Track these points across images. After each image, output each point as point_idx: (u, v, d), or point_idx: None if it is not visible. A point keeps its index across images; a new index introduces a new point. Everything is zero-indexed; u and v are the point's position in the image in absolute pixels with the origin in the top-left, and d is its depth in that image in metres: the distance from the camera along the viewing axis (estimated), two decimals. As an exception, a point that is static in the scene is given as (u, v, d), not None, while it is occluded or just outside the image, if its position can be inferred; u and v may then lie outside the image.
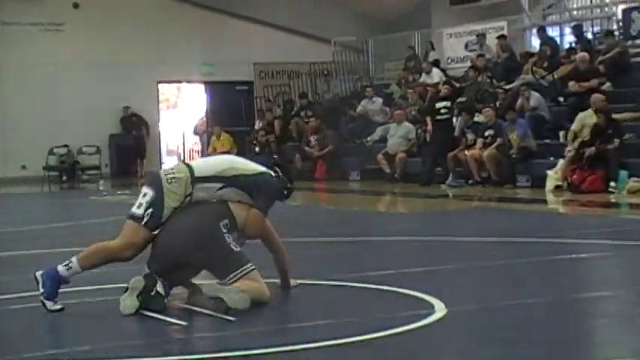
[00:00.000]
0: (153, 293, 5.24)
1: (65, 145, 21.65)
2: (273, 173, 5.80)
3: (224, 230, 5.40)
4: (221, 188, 5.56)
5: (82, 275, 5.53)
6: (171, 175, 5.51)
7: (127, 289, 5.29)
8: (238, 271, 5.32)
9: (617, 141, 13.69)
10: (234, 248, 5.39)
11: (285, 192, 5.93)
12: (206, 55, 24.08)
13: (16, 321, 5.43)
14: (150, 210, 5.40)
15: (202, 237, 5.36)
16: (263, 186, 5.67)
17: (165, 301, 5.30)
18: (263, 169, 5.77)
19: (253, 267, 5.40)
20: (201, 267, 5.49)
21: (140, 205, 5.44)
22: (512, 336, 4.65)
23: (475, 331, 4.86)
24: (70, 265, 5.41)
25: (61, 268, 5.40)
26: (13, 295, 5.97)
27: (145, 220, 5.39)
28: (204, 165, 5.69)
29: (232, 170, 5.60)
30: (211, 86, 24.65)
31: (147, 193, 5.46)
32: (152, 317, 5.18)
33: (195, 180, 5.51)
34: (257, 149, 22.07)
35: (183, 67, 23.94)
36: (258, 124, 22.60)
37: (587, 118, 14.13)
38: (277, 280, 6.03)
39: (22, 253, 8.47)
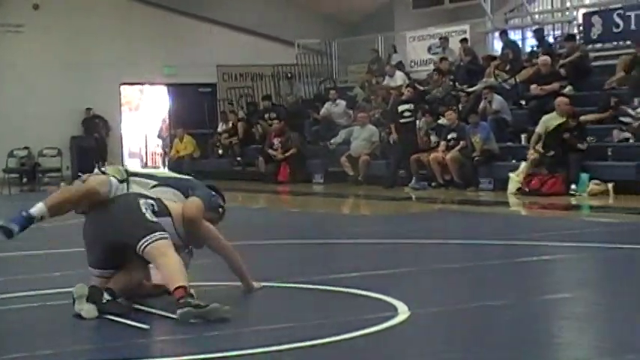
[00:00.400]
0: (104, 301, 5.23)
1: (26, 148, 21.44)
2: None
3: (142, 204, 5.39)
4: (155, 186, 5.67)
5: (39, 279, 5.47)
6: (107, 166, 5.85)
7: (74, 298, 5.27)
8: (149, 237, 5.25)
9: (586, 143, 13.82)
10: (151, 218, 5.35)
11: (220, 210, 5.94)
12: (169, 57, 23.96)
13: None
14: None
15: (120, 209, 5.39)
16: (198, 186, 5.82)
17: (123, 303, 5.28)
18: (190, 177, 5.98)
19: (166, 236, 5.33)
20: (121, 241, 5.38)
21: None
22: (475, 338, 4.66)
23: (438, 333, 4.87)
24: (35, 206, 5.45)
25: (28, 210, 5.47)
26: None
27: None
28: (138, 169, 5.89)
29: (166, 174, 5.71)
30: (174, 88, 24.54)
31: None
32: (114, 321, 5.13)
33: (130, 174, 5.68)
34: (220, 152, 22.00)
35: (146, 69, 23.81)
36: (221, 127, 22.52)
37: (551, 121, 14.25)
38: (240, 283, 6.00)
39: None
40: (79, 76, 22.76)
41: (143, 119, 28.96)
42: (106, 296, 5.26)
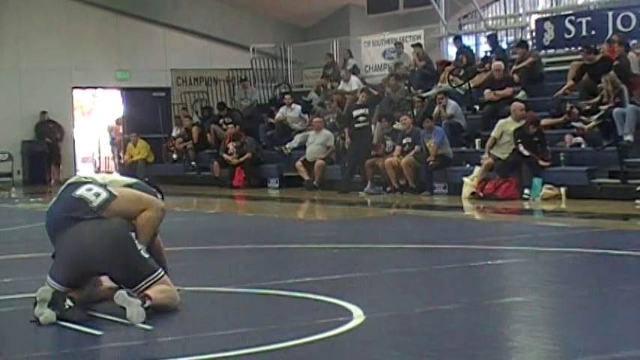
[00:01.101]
0: (66, 308, 5.15)
1: (-24, 152, 21.15)
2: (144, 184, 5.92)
3: (133, 237, 5.34)
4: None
5: None
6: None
7: (35, 301, 5.17)
8: (150, 278, 5.27)
9: (548, 150, 13.97)
10: (145, 255, 5.33)
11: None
12: (122, 62, 23.78)
13: None
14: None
15: (114, 245, 5.29)
16: (145, 190, 5.75)
17: (86, 312, 5.23)
18: (135, 179, 5.94)
19: (163, 273, 5.36)
20: (113, 275, 5.40)
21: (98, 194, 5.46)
22: (430, 342, 4.68)
23: (393, 337, 4.88)
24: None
25: None
26: None
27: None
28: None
29: (115, 182, 5.70)
30: (128, 93, 24.34)
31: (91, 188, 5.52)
32: (67, 327, 5.07)
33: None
34: (174, 156, 21.88)
35: (99, 74, 23.59)
36: (175, 131, 22.41)
37: (507, 125, 14.38)
38: (198, 288, 5.96)
39: None
40: (29, 80, 22.49)
41: (96, 124, 28.69)
42: (69, 302, 5.18)
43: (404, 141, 15.87)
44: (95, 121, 28.64)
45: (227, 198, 17.30)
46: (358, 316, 5.17)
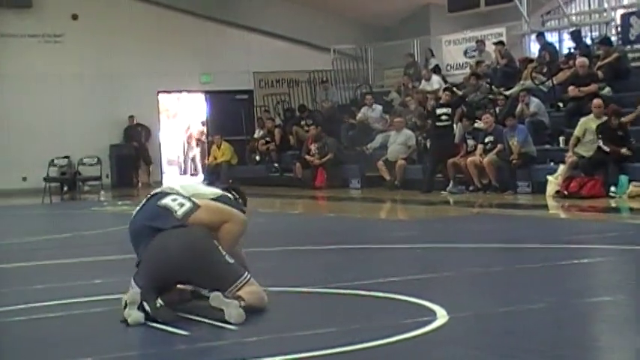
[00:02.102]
0: (157, 306, 5.26)
1: (66, 157, 21.64)
2: (230, 195, 5.95)
3: (216, 244, 5.42)
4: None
5: (79, 286, 5.52)
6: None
7: (125, 303, 5.30)
8: (238, 282, 5.35)
9: (633, 143, 13.73)
10: (230, 260, 5.41)
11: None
12: (206, 65, 24.12)
13: (16, 333, 5.41)
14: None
15: (200, 253, 5.37)
16: (228, 203, 5.81)
17: (175, 313, 5.32)
18: (220, 191, 5.95)
19: (249, 275, 5.43)
20: (198, 282, 5.49)
21: (182, 204, 5.58)
22: (514, 342, 4.65)
23: (477, 337, 4.86)
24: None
25: None
26: (13, 307, 5.96)
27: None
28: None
29: (199, 195, 5.76)
30: (211, 95, 24.69)
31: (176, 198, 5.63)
32: (156, 327, 5.17)
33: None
34: (257, 158, 22.09)
35: (183, 77, 23.98)
36: (258, 133, 22.62)
37: (589, 122, 14.15)
38: (281, 289, 6.03)
39: (23, 264, 8.47)
40: (117, 85, 23.00)
41: (181, 126, 29.15)
42: (160, 301, 5.28)
43: (486, 140, 15.74)
44: (180, 124, 29.10)
45: (309, 199, 17.39)
46: (442, 316, 5.16)
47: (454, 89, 18.13)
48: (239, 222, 5.61)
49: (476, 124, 16.34)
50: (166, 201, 5.57)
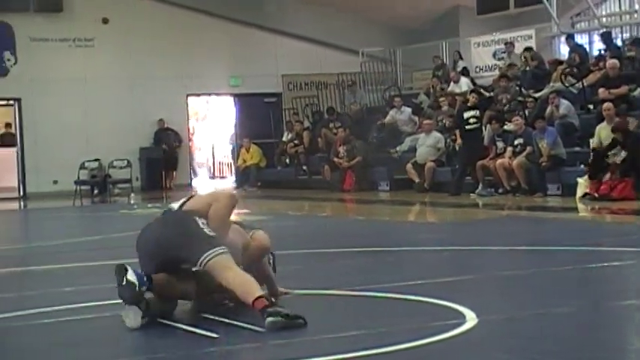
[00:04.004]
0: (124, 283, 5.29)
1: (96, 159, 21.80)
2: None
3: (198, 220, 5.46)
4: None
5: (106, 289, 5.54)
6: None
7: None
8: (211, 252, 5.30)
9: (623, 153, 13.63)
10: (209, 233, 5.42)
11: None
12: (234, 68, 24.21)
13: (45, 336, 5.45)
14: None
15: (175, 225, 5.49)
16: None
17: (137, 289, 5.28)
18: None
19: (227, 250, 5.37)
20: (178, 256, 5.43)
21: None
22: (544, 346, 4.62)
23: (506, 340, 4.83)
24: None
25: None
26: (42, 310, 6.01)
27: None
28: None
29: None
30: (240, 98, 24.77)
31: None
32: (184, 330, 5.20)
33: None
34: (286, 161, 22.14)
35: (213, 80, 24.09)
36: (286, 136, 22.66)
37: (603, 130, 14.11)
38: (309, 291, 6.03)
39: (53, 267, 8.55)
40: (146, 88, 23.15)
41: (210, 130, 29.27)
42: (130, 277, 5.30)
43: (516, 142, 15.67)
44: (209, 127, 29.21)
45: (338, 201, 17.39)
46: (471, 318, 5.15)
47: (481, 91, 18.06)
48: (223, 198, 5.72)
49: (505, 127, 16.27)
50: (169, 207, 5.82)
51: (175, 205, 5.76)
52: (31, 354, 5.01)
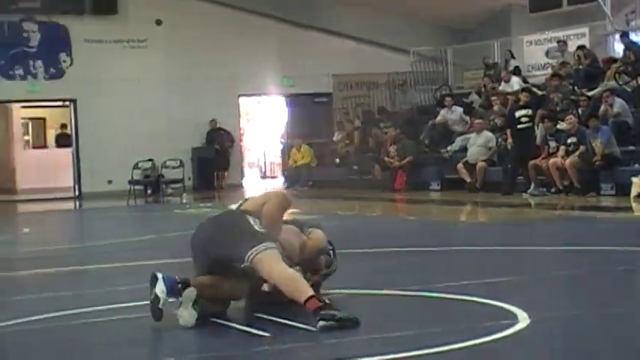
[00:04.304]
0: (152, 297, 5.35)
1: (150, 159, 22.07)
2: None
3: (249, 218, 5.53)
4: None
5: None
6: None
7: (180, 302, 5.35)
8: (258, 247, 5.31)
9: None
10: (258, 229, 5.46)
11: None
12: (286, 68, 24.30)
13: (99, 334, 5.54)
14: None
15: (227, 222, 5.58)
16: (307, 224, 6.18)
17: (160, 305, 5.33)
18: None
19: (275, 246, 5.39)
20: (228, 254, 5.42)
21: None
22: (596, 346, 4.59)
23: (559, 341, 4.81)
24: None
25: None
26: (97, 308, 6.11)
27: None
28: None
29: None
30: (291, 99, 24.86)
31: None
32: (236, 329, 5.25)
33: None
34: (337, 160, 22.17)
35: (263, 81, 24.20)
36: (337, 136, 22.69)
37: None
38: (360, 291, 6.03)
39: (108, 266, 8.67)
40: (198, 88, 23.33)
41: (261, 130, 29.41)
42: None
43: (569, 141, 15.52)
44: (260, 127, 29.36)
45: (388, 201, 17.38)
46: (523, 319, 5.13)
47: (533, 89, 17.91)
48: (275, 198, 5.79)
49: (558, 126, 16.12)
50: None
51: (234, 206, 5.83)
52: (87, 353, 5.10)
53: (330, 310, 5.05)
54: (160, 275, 5.36)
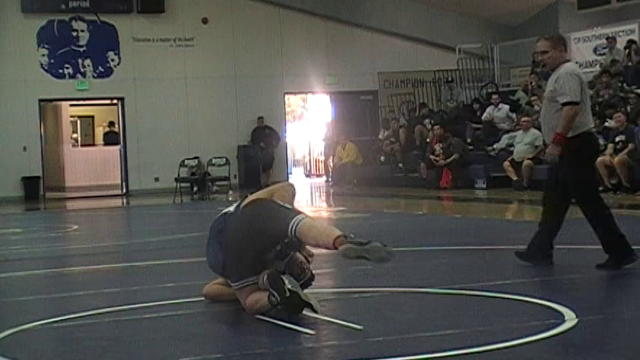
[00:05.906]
0: (287, 295, 5.37)
1: (196, 157, 22.23)
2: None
3: (275, 199, 5.67)
4: None
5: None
6: None
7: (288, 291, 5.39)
8: (296, 218, 5.45)
9: None
10: (287, 205, 5.62)
11: None
12: (330, 66, 24.32)
13: (147, 330, 5.59)
14: None
15: (258, 212, 5.64)
16: None
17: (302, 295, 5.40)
18: None
19: (305, 216, 5.54)
20: (273, 236, 5.53)
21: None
22: (646, 347, 4.54)
23: (606, 341, 4.76)
24: None
25: None
26: (145, 304, 6.18)
27: None
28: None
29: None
30: (336, 96, 24.87)
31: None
32: (281, 326, 5.28)
33: None
34: (382, 158, 22.14)
35: (309, 79, 24.24)
36: (382, 134, 22.66)
37: None
38: (405, 289, 6.03)
39: (155, 263, 8.75)
40: (244, 86, 23.46)
41: (306, 128, 29.47)
42: (289, 286, 5.36)
43: (617, 139, 15.35)
44: (305, 125, 29.43)
45: (434, 199, 17.31)
46: (570, 318, 5.09)
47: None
48: (281, 187, 5.93)
49: (606, 123, 15.94)
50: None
51: (232, 208, 5.88)
52: (136, 347, 5.16)
53: (352, 237, 5.25)
54: (278, 274, 5.44)
